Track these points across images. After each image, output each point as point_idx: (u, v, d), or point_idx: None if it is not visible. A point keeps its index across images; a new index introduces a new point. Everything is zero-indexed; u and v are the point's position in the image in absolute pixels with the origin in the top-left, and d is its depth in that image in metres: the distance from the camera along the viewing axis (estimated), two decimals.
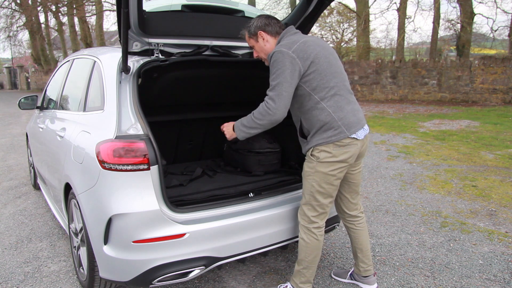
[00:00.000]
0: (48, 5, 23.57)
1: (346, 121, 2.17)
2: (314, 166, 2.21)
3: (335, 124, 2.15)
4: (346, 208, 2.49)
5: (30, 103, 4.16)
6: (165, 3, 2.46)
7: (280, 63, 2.08)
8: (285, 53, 2.09)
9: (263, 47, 2.31)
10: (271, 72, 2.11)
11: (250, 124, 2.15)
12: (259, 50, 2.35)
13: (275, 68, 2.09)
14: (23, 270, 2.90)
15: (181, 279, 2.19)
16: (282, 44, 2.16)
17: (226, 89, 3.15)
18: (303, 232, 2.32)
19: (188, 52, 2.47)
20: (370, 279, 2.55)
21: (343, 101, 2.19)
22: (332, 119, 2.15)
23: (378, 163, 5.77)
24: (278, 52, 2.10)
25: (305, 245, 2.31)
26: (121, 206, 2.03)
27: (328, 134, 2.15)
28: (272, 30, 2.29)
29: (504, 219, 3.65)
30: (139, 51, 2.37)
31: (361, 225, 2.51)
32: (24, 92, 26.48)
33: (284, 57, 2.08)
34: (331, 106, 2.15)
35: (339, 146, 2.16)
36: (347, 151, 2.18)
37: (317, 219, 2.29)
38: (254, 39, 2.32)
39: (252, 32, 2.31)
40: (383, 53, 26.20)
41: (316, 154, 2.19)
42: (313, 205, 2.27)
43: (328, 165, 2.18)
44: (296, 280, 2.40)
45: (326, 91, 2.15)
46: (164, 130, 3.22)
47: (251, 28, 2.31)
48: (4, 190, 4.86)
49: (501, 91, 11.95)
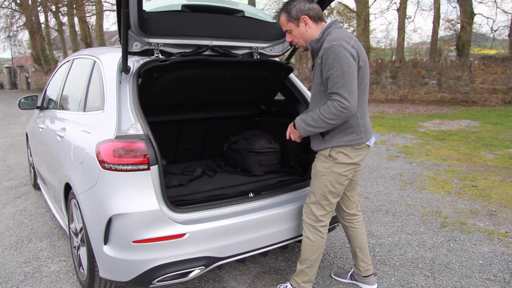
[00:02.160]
0: (48, 5, 23.58)
1: (366, 129, 2.21)
2: (330, 166, 2.21)
3: (358, 129, 2.17)
4: (346, 206, 2.49)
5: (30, 103, 4.16)
6: (165, 3, 2.45)
7: (343, 58, 1.97)
8: (347, 47, 1.99)
9: (305, 32, 2.17)
10: (332, 65, 1.99)
11: (319, 124, 2.07)
12: (298, 36, 2.19)
13: (338, 62, 1.97)
14: (23, 270, 2.90)
15: (181, 279, 2.19)
16: (337, 37, 2.02)
17: (226, 89, 3.15)
18: (309, 231, 2.33)
19: (188, 52, 2.47)
20: (370, 279, 2.55)
21: (365, 109, 2.24)
22: (357, 124, 2.17)
23: (378, 163, 5.77)
24: (339, 45, 1.98)
25: (311, 244, 2.32)
26: (121, 206, 2.03)
27: (350, 138, 2.17)
28: (315, 16, 2.16)
29: (504, 219, 3.65)
30: (139, 51, 2.37)
31: (359, 224, 2.52)
32: (24, 92, 26.49)
33: (346, 52, 1.98)
34: (360, 111, 2.16)
35: (356, 149, 2.20)
36: (361, 154, 2.23)
37: (324, 217, 2.31)
38: (295, 23, 2.15)
39: (294, 15, 2.14)
40: (383, 53, 26.22)
41: (334, 155, 2.19)
42: (323, 204, 2.28)
43: (344, 166, 2.20)
44: (298, 279, 2.40)
45: (359, 96, 2.12)
46: (164, 130, 3.22)
47: (291, 10, 2.14)
48: (4, 190, 4.85)
49: (501, 91, 11.95)
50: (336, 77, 1.98)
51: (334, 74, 1.99)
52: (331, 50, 1.99)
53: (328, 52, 2.01)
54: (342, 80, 1.97)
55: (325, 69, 2.04)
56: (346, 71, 1.97)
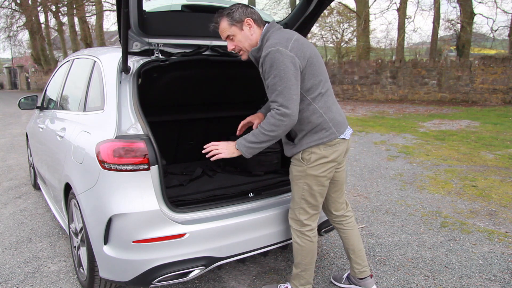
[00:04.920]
0: (48, 5, 23.57)
1: (336, 122, 2.12)
2: (304, 169, 2.14)
3: (326, 125, 2.09)
4: (333, 208, 2.43)
5: (30, 103, 4.16)
6: (165, 3, 2.46)
7: (281, 64, 1.90)
8: (284, 52, 1.92)
9: (249, 36, 2.08)
10: (270, 73, 1.94)
11: (261, 139, 1.98)
12: (243, 40, 2.08)
13: (275, 69, 1.91)
14: (23, 270, 2.90)
15: (181, 279, 2.19)
16: (275, 42, 1.96)
17: (226, 89, 3.15)
18: (296, 236, 2.28)
19: (188, 52, 2.47)
20: (367, 281, 2.47)
21: (330, 101, 2.13)
22: (323, 121, 2.08)
23: (378, 163, 5.77)
24: (276, 51, 1.92)
25: (300, 249, 2.28)
26: (121, 206, 2.03)
27: (319, 136, 2.09)
28: (258, 19, 2.10)
29: (504, 219, 3.65)
30: (139, 51, 2.37)
31: (350, 225, 2.45)
32: (24, 92, 26.49)
33: (283, 57, 1.91)
34: (322, 107, 2.08)
35: (329, 146, 2.11)
36: (336, 150, 2.14)
37: (309, 221, 2.25)
38: (238, 26, 2.06)
39: (237, 18, 2.05)
40: (383, 53, 26.24)
41: (306, 156, 2.12)
42: (305, 208, 2.22)
43: (319, 167, 2.13)
44: (296, 282, 2.37)
45: (318, 91, 2.07)
46: (164, 130, 3.22)
47: (234, 14, 2.05)
48: (4, 190, 4.85)
49: (501, 91, 11.95)
50: (274, 85, 1.92)
51: (272, 82, 1.93)
52: (268, 57, 1.93)
53: (265, 60, 1.95)
54: (280, 88, 1.91)
55: (265, 77, 1.98)
56: (284, 78, 1.90)
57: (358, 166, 5.61)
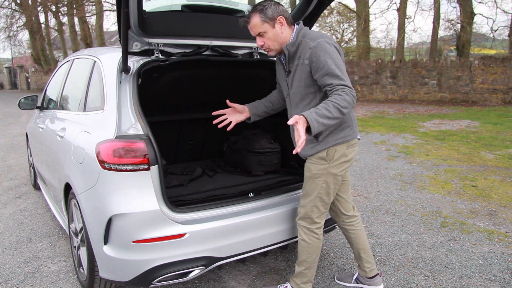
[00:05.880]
0: (48, 5, 23.57)
1: (355, 121, 2.18)
2: (326, 167, 2.14)
3: (351, 122, 2.14)
4: (344, 209, 2.44)
5: (30, 103, 4.16)
6: (165, 3, 2.46)
7: (333, 52, 1.96)
8: (331, 43, 1.99)
9: (280, 34, 2.07)
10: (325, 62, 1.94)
11: (335, 115, 1.89)
12: (273, 38, 2.07)
13: (330, 57, 1.95)
14: (23, 270, 2.90)
15: (181, 279, 2.19)
16: (318, 35, 2.03)
17: (226, 89, 3.15)
18: (304, 234, 2.29)
19: (188, 52, 2.47)
20: (376, 280, 2.50)
21: None
22: (349, 118, 2.13)
23: (378, 163, 5.77)
24: (325, 41, 1.98)
25: (307, 246, 2.29)
26: (121, 206, 2.03)
27: (345, 133, 2.12)
28: (289, 18, 2.09)
29: (504, 219, 3.65)
30: (139, 51, 2.37)
31: (359, 224, 2.49)
32: (24, 92, 26.49)
33: (332, 47, 1.98)
34: None
35: (350, 145, 2.16)
36: (354, 149, 2.20)
37: (319, 219, 2.28)
38: (270, 24, 2.04)
39: (270, 15, 2.02)
40: (383, 53, 26.22)
41: (331, 154, 2.13)
42: (318, 206, 2.23)
43: (340, 165, 2.16)
44: (298, 280, 2.38)
45: None
46: (164, 130, 3.22)
47: (267, 11, 2.02)
48: (4, 190, 4.86)
49: (501, 91, 11.95)
50: (334, 70, 1.94)
51: (331, 68, 1.94)
52: (319, 47, 1.97)
53: (317, 50, 1.98)
54: (340, 72, 1.95)
55: (319, 66, 1.98)
56: (339, 64, 1.97)
57: (358, 166, 5.61)
